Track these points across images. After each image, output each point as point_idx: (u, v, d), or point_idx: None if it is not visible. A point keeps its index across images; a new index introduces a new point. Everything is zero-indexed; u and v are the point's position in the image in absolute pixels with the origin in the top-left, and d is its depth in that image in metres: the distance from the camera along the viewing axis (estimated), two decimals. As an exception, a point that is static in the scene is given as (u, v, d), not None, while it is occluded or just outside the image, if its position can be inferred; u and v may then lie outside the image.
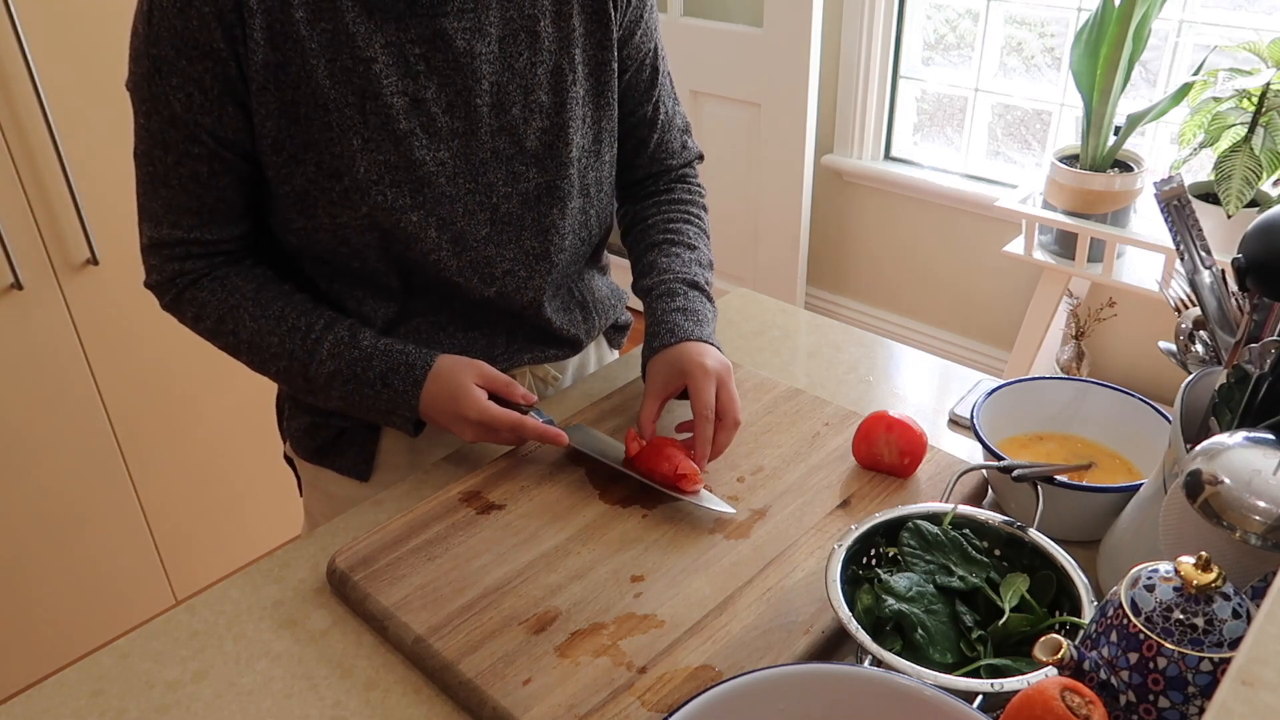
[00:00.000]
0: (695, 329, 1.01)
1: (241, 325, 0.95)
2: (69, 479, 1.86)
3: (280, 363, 0.96)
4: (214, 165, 0.90)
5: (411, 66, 0.89)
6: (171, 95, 0.86)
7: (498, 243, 0.99)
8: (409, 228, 0.93)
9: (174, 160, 0.89)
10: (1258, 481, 0.63)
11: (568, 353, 1.12)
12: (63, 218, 1.71)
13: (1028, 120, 2.64)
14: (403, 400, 0.95)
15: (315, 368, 0.95)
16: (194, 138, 0.88)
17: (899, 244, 2.83)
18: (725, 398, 0.95)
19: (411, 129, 0.90)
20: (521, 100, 0.95)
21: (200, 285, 0.96)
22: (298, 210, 0.92)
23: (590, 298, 1.13)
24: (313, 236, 0.94)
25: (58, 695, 0.78)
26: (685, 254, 1.09)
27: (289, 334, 0.95)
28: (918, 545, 0.77)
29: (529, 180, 0.98)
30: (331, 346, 0.95)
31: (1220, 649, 0.56)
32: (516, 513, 0.92)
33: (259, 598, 0.87)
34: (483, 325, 1.05)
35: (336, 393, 0.96)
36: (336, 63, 0.87)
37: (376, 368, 0.95)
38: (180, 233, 0.93)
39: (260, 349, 0.96)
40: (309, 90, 0.87)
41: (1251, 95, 1.89)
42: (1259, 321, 0.72)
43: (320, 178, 0.90)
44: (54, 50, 1.63)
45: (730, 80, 2.76)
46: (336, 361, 0.95)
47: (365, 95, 0.88)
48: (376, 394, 0.95)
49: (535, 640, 0.78)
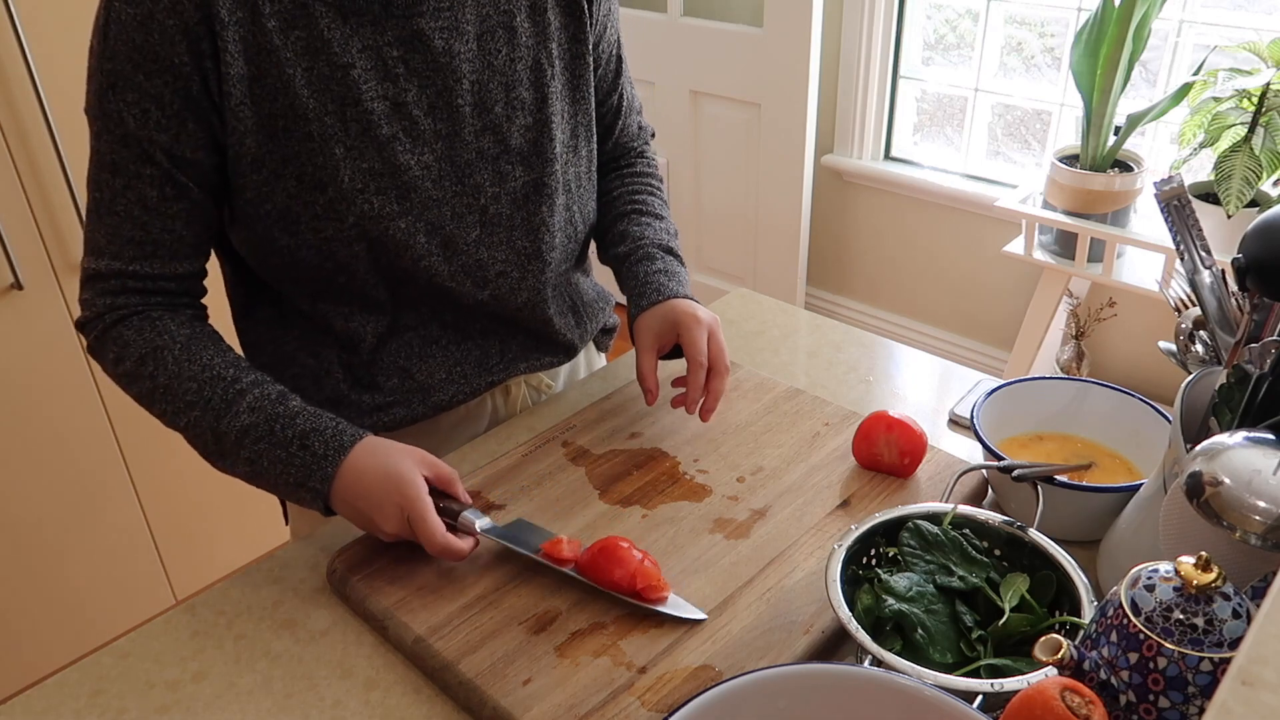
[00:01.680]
0: (679, 288, 1.05)
1: (161, 368, 0.87)
2: (69, 479, 1.86)
3: (192, 413, 0.86)
4: (165, 190, 0.85)
5: (390, 70, 0.88)
6: (126, 112, 0.82)
7: (489, 245, 0.97)
8: (397, 235, 0.91)
9: (122, 184, 0.85)
10: (1258, 481, 0.63)
11: (562, 358, 1.12)
12: (63, 218, 1.72)
13: (1028, 120, 2.64)
14: (317, 467, 0.83)
15: (229, 421, 0.85)
16: (146, 157, 0.84)
17: (899, 244, 2.83)
18: (715, 348, 0.99)
19: (394, 134, 0.89)
20: (504, 98, 0.94)
21: (128, 323, 0.89)
22: (281, 229, 0.89)
23: (579, 300, 1.13)
24: (297, 255, 0.91)
25: (58, 695, 0.78)
26: (655, 223, 1.12)
27: (210, 382, 0.86)
28: (918, 545, 0.77)
29: (516, 179, 0.97)
30: (254, 400, 0.86)
31: (1220, 649, 0.56)
32: (516, 513, 0.92)
33: (259, 598, 0.86)
34: (476, 335, 1.03)
35: (245, 453, 0.85)
36: (314, 71, 0.85)
37: (299, 426, 0.85)
38: (119, 264, 0.87)
39: (174, 395, 0.86)
40: (287, 102, 0.84)
41: (1251, 95, 1.89)
42: (1259, 321, 0.72)
43: (302, 192, 0.87)
44: (54, 50, 1.63)
45: (730, 80, 2.76)
46: (254, 415, 0.85)
47: (345, 102, 0.86)
48: (289, 456, 0.84)
49: (535, 640, 0.78)
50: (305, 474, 0.84)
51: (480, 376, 1.04)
